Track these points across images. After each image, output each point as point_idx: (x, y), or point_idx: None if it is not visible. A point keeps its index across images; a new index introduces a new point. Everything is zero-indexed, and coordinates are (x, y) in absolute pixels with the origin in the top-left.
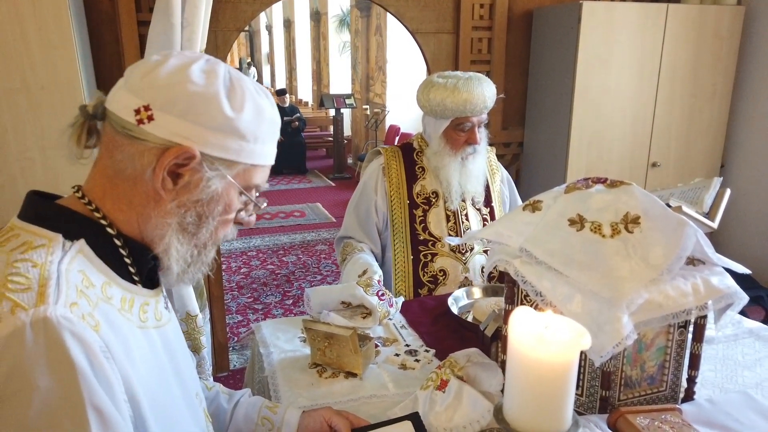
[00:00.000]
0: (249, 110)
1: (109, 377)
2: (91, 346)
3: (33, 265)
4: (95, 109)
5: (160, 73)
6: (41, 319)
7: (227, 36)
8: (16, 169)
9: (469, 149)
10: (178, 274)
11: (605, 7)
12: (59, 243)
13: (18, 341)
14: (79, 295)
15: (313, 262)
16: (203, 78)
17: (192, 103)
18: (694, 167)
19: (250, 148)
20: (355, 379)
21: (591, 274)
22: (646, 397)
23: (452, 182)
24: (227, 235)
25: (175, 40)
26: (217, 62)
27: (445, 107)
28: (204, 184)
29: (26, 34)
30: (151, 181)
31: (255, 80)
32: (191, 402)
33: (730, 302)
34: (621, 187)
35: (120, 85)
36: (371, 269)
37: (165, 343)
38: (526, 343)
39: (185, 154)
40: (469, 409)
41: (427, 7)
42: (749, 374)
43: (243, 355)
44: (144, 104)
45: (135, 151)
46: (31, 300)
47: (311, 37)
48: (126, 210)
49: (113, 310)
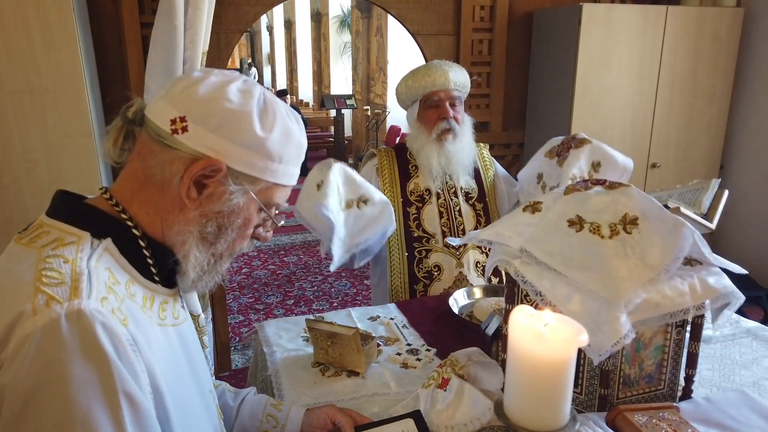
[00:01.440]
0: (278, 132)
1: (136, 368)
2: (120, 338)
3: (65, 261)
4: (135, 114)
5: (200, 88)
6: (75, 311)
7: (229, 37)
8: (20, 170)
9: (443, 124)
10: (193, 281)
11: (605, 9)
12: (88, 241)
13: (54, 332)
14: (108, 290)
15: (314, 262)
16: (239, 97)
17: (226, 119)
18: (694, 168)
19: (275, 167)
20: (358, 377)
21: (590, 274)
22: (645, 396)
23: (432, 162)
24: (243, 248)
25: (178, 42)
26: (254, 84)
27: (413, 90)
28: (227, 196)
29: (30, 36)
30: (178, 189)
31: (256, 79)
32: (205, 398)
33: (726, 302)
34: (619, 188)
35: (161, 95)
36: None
37: (182, 340)
38: (525, 340)
39: (212, 167)
40: (469, 407)
41: (428, 8)
42: (746, 373)
43: (245, 354)
44: (180, 115)
45: (166, 159)
46: (65, 293)
47: (312, 37)
48: (152, 213)
49: (136, 307)
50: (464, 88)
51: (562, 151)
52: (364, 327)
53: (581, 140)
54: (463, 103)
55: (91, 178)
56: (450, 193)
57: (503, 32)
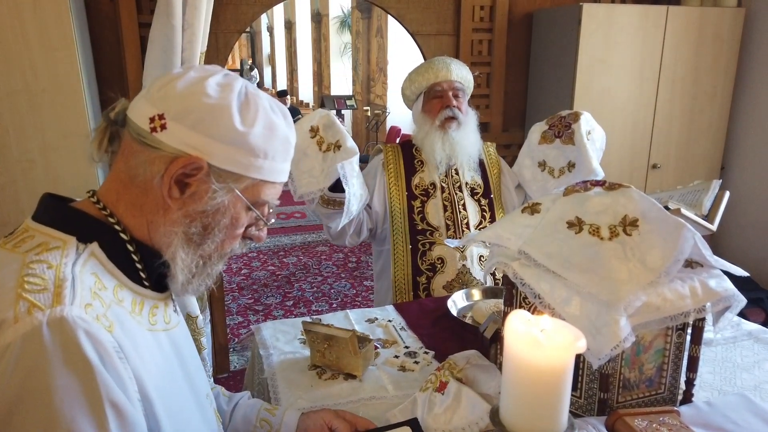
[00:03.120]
0: (261, 126)
1: (123, 376)
2: (104, 345)
3: (48, 267)
4: (117, 115)
5: (178, 84)
6: (57, 318)
7: (228, 38)
8: (17, 170)
9: (446, 112)
10: (182, 284)
11: (605, 9)
12: (73, 245)
13: (35, 340)
14: (93, 296)
15: (314, 263)
16: (218, 91)
17: (204, 114)
18: (695, 169)
19: (259, 163)
20: (355, 380)
21: (589, 276)
22: (645, 400)
23: (436, 149)
24: (235, 249)
25: (176, 42)
26: (236, 77)
27: (416, 84)
28: (210, 195)
29: (27, 36)
30: (160, 188)
31: (257, 82)
32: (201, 403)
33: (727, 305)
34: (619, 189)
35: (141, 94)
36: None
37: (174, 345)
38: (521, 346)
39: (193, 165)
40: (467, 411)
41: (428, 9)
42: (748, 376)
43: (243, 356)
44: (159, 113)
45: (147, 158)
46: (47, 300)
47: (312, 38)
48: (137, 215)
49: (124, 313)
50: (467, 82)
51: (562, 130)
52: (361, 329)
53: (574, 114)
54: (466, 97)
55: (88, 179)
56: (455, 188)
57: (503, 32)
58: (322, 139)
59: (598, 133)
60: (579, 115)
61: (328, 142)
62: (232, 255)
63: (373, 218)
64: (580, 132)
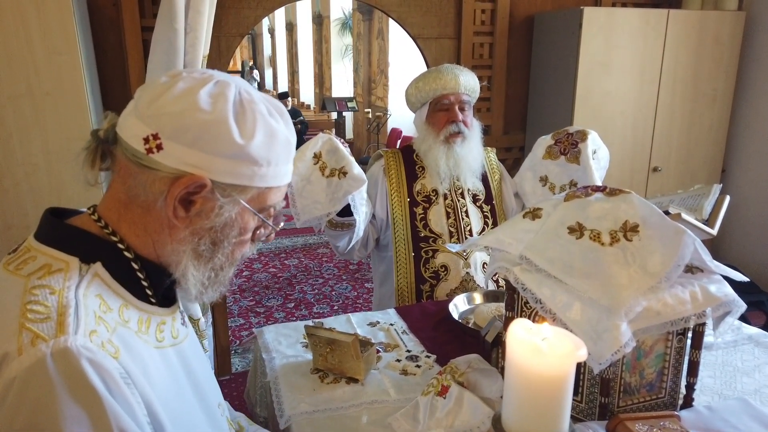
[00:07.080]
0: (260, 135)
1: (131, 402)
2: (110, 372)
3: (51, 292)
4: (107, 133)
5: (168, 98)
6: (61, 349)
7: (230, 41)
8: (20, 174)
9: (451, 127)
10: (196, 296)
11: (606, 13)
12: (76, 267)
13: (40, 373)
14: (97, 321)
15: (315, 265)
16: (211, 104)
17: (201, 131)
18: (695, 172)
19: (263, 172)
20: (357, 384)
21: (590, 281)
22: (645, 404)
23: (439, 163)
24: (245, 253)
25: (178, 46)
26: (227, 84)
27: (422, 92)
28: (217, 211)
29: (31, 40)
30: (164, 209)
31: (257, 83)
32: (213, 414)
33: (728, 310)
34: (620, 195)
35: (130, 109)
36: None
37: (182, 360)
38: (523, 354)
39: (196, 183)
40: (469, 415)
41: (429, 12)
42: (748, 381)
43: (245, 358)
44: (152, 133)
45: (146, 179)
46: (51, 330)
47: (313, 40)
48: (142, 235)
49: (130, 333)
50: (474, 93)
51: (568, 148)
52: (363, 333)
53: (581, 132)
54: (472, 108)
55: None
56: (457, 194)
57: (504, 36)
58: (324, 164)
59: (603, 152)
60: (586, 135)
61: (332, 168)
62: (243, 260)
63: (376, 227)
64: (586, 152)
